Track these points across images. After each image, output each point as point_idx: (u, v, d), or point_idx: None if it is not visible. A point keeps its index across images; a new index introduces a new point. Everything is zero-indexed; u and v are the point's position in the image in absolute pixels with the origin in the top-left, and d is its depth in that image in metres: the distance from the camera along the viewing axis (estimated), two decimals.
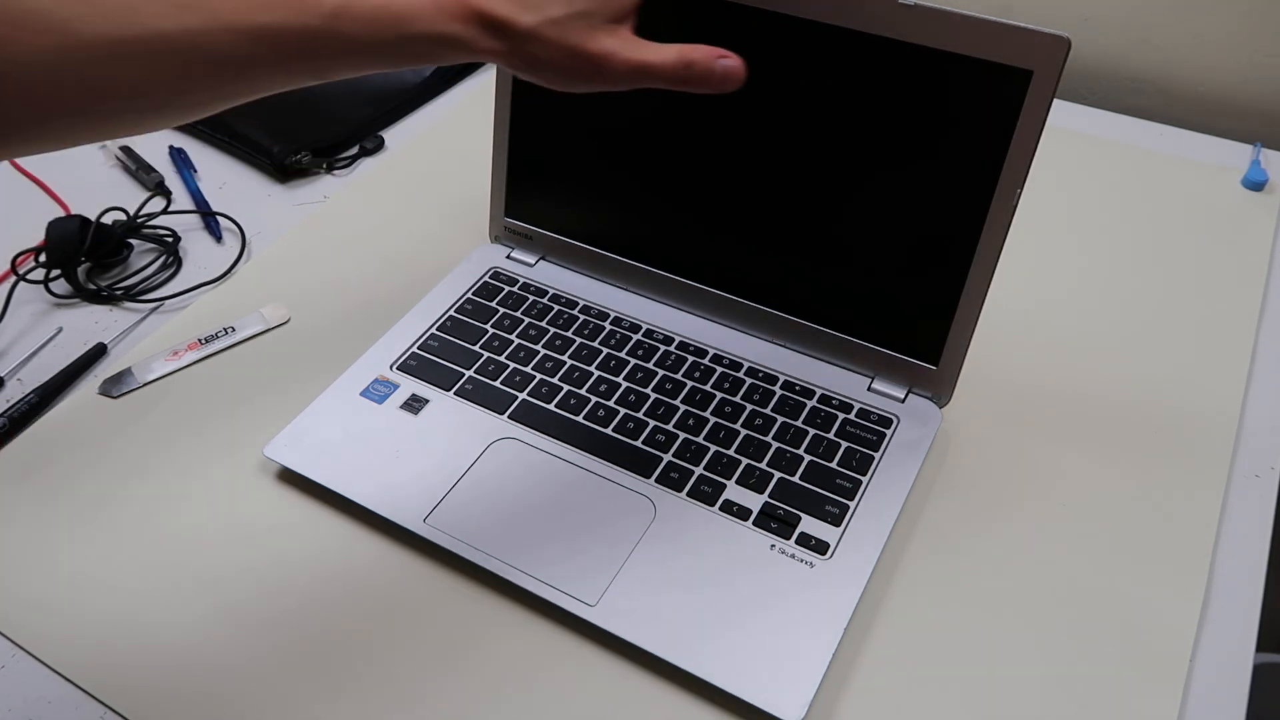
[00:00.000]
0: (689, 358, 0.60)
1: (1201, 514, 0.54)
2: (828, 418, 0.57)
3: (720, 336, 0.62)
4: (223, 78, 0.40)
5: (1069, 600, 0.50)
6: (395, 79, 0.87)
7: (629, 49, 0.46)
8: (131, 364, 0.63)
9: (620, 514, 0.52)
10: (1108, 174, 0.78)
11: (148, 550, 0.53)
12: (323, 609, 0.50)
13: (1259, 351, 0.64)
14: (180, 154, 0.81)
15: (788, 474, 0.54)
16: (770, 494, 0.53)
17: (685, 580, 0.49)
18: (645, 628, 0.48)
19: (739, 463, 0.54)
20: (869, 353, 0.58)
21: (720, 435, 0.56)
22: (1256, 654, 0.49)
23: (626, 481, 0.54)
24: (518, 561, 0.50)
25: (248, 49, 0.39)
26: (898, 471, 0.54)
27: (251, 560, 0.52)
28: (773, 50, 0.53)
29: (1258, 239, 0.71)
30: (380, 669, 0.48)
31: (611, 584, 0.49)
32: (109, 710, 0.47)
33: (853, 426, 0.56)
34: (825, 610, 0.48)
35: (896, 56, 0.50)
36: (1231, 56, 0.84)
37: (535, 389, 0.59)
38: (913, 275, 0.55)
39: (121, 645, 0.49)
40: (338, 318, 0.64)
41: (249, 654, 0.49)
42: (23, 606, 0.50)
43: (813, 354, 0.60)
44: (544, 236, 0.66)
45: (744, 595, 0.49)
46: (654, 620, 0.48)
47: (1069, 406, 0.60)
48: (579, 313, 0.63)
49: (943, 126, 0.51)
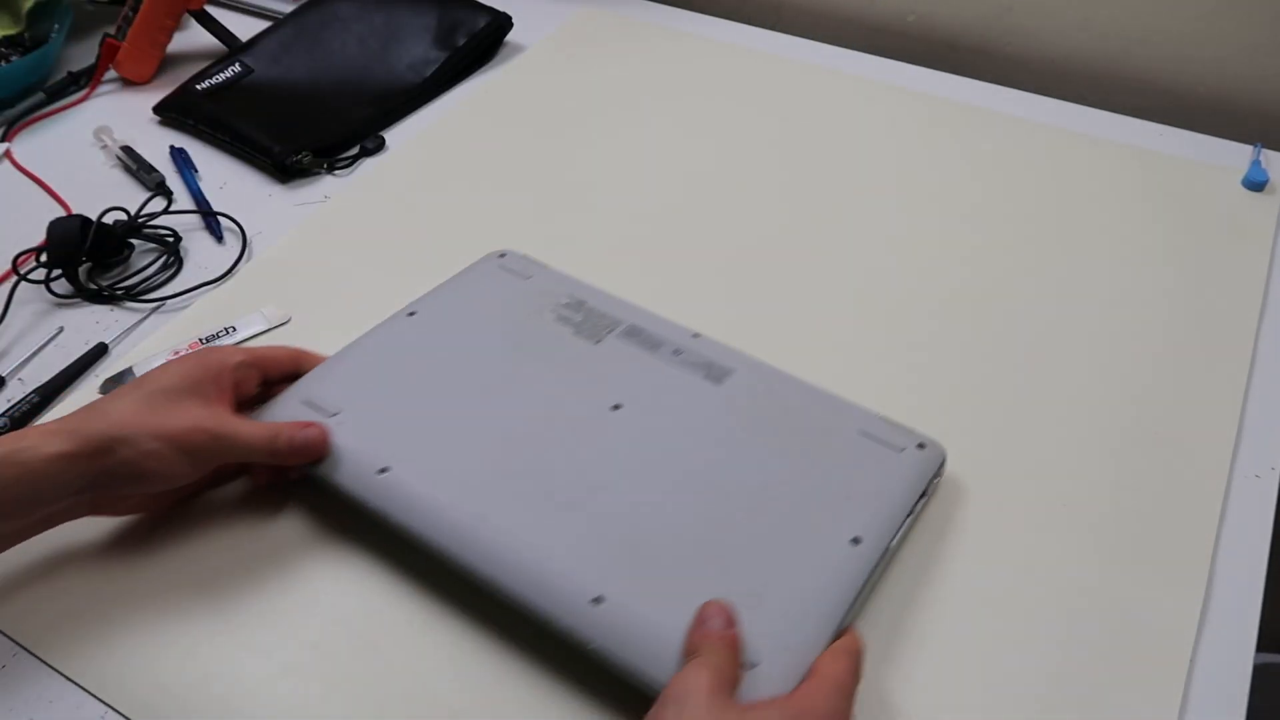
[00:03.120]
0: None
1: (1201, 514, 0.54)
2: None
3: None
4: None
5: (1069, 600, 0.50)
6: (395, 79, 0.88)
7: (224, 422, 0.50)
8: (132, 364, 0.63)
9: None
10: (1108, 174, 0.78)
11: (148, 549, 0.53)
12: (326, 609, 0.50)
13: (1259, 351, 0.64)
14: (181, 154, 0.81)
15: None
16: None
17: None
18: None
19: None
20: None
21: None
22: (1256, 654, 0.49)
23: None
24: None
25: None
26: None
27: (252, 559, 0.52)
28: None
29: (1258, 239, 0.71)
30: (387, 670, 0.48)
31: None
32: (110, 709, 0.47)
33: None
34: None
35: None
36: (1231, 56, 0.84)
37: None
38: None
39: (122, 644, 0.49)
40: (338, 318, 0.64)
41: (249, 653, 0.49)
42: (23, 606, 0.50)
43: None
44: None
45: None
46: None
47: (1068, 406, 0.60)
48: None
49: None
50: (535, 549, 0.48)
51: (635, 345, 0.59)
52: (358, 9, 0.92)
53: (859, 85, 0.88)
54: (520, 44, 0.94)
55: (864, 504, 0.50)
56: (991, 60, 0.94)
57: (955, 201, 0.75)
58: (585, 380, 0.56)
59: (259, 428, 0.51)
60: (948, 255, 0.71)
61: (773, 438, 0.54)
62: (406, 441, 0.53)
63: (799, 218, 0.74)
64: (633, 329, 0.60)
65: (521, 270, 0.65)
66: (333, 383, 0.57)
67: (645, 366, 0.57)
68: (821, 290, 0.68)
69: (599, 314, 0.61)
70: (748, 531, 0.49)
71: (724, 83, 0.88)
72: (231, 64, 0.87)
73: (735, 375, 0.57)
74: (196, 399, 0.50)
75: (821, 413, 0.55)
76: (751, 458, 0.53)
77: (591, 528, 0.49)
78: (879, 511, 0.50)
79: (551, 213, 0.73)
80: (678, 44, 0.93)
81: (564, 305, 0.61)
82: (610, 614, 0.45)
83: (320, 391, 0.56)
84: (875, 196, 0.76)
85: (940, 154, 0.80)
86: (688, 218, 0.74)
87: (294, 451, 0.52)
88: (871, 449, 0.53)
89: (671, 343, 0.59)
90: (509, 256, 0.66)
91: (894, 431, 0.54)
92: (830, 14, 0.98)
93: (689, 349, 0.58)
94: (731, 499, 0.50)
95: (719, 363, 0.57)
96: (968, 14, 0.92)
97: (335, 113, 0.84)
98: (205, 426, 0.49)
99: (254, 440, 0.51)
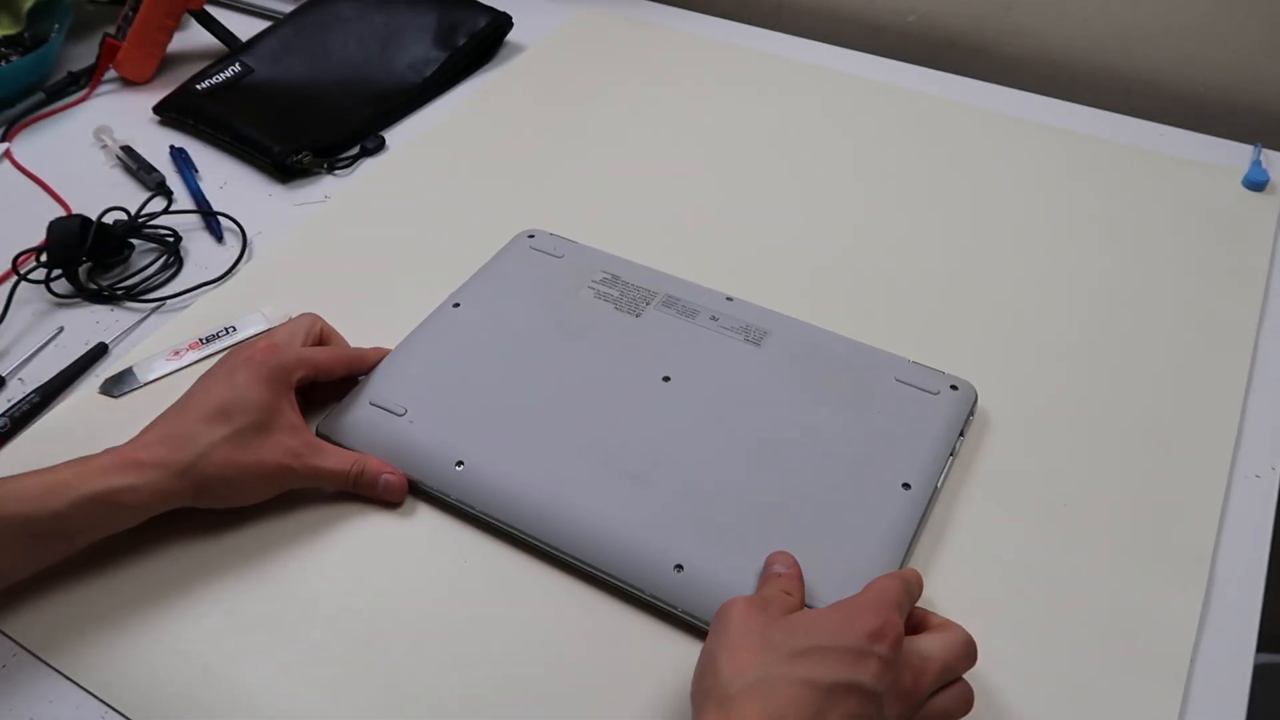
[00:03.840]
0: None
1: (1201, 514, 0.54)
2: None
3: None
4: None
5: (1069, 600, 0.50)
6: (395, 79, 0.87)
7: (307, 455, 0.52)
8: (133, 364, 0.63)
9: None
10: (1108, 174, 0.77)
11: (148, 549, 0.52)
12: (326, 602, 0.50)
13: (1259, 351, 0.64)
14: (181, 154, 0.81)
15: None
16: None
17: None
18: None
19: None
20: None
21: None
22: (1256, 654, 0.49)
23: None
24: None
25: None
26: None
27: (252, 558, 0.52)
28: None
29: (1258, 239, 0.71)
30: (387, 670, 0.48)
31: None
32: (110, 709, 0.47)
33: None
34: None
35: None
36: (1232, 57, 0.84)
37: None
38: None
39: (122, 644, 0.49)
40: (338, 317, 0.64)
41: (249, 653, 0.49)
42: (23, 606, 0.50)
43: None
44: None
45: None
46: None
47: (1068, 406, 0.60)
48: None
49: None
50: (615, 524, 0.51)
51: (674, 315, 0.62)
52: (358, 9, 0.92)
53: (859, 85, 0.88)
54: (520, 44, 0.94)
55: (910, 449, 0.54)
56: (991, 60, 0.94)
57: (955, 201, 0.75)
58: (633, 354, 0.60)
59: (342, 460, 0.53)
60: (947, 255, 0.71)
61: (817, 393, 0.57)
62: (475, 432, 0.55)
63: (799, 218, 0.74)
64: (669, 299, 0.63)
65: (552, 249, 0.67)
66: (395, 383, 0.58)
67: (687, 335, 0.61)
68: (820, 291, 0.68)
69: (635, 287, 0.64)
70: (805, 487, 0.53)
71: (724, 83, 0.88)
72: (231, 64, 0.87)
73: (772, 336, 0.60)
74: (282, 429, 0.52)
75: (858, 364, 0.59)
76: (799, 415, 0.56)
77: (662, 498, 0.52)
78: (924, 455, 0.54)
79: (552, 212, 0.73)
80: (678, 44, 0.93)
81: (599, 281, 0.64)
82: (691, 579, 0.49)
83: (385, 393, 0.58)
84: (874, 196, 0.76)
85: (940, 153, 0.80)
86: (688, 218, 0.74)
87: (376, 492, 0.54)
88: (909, 394, 0.57)
89: (708, 309, 0.62)
90: (538, 236, 0.69)
91: (928, 376, 0.58)
92: (830, 14, 0.98)
93: (725, 313, 0.62)
94: (786, 457, 0.54)
95: (756, 325, 0.61)
96: (968, 14, 0.92)
97: (335, 113, 0.84)
98: (292, 464, 0.52)
99: (338, 472, 0.53)
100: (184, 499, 0.49)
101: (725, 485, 0.53)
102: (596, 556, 0.51)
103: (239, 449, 0.50)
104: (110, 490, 0.47)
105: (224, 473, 0.49)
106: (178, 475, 0.48)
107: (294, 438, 0.52)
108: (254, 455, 0.50)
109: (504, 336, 0.61)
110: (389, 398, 0.57)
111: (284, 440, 0.51)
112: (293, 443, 0.52)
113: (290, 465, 0.51)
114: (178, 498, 0.49)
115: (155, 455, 0.48)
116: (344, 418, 0.57)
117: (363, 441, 0.56)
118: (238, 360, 0.53)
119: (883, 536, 0.50)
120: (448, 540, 0.53)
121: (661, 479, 0.53)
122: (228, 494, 0.51)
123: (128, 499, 0.47)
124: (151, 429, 0.51)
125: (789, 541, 0.49)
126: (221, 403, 0.51)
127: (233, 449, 0.50)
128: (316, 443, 0.54)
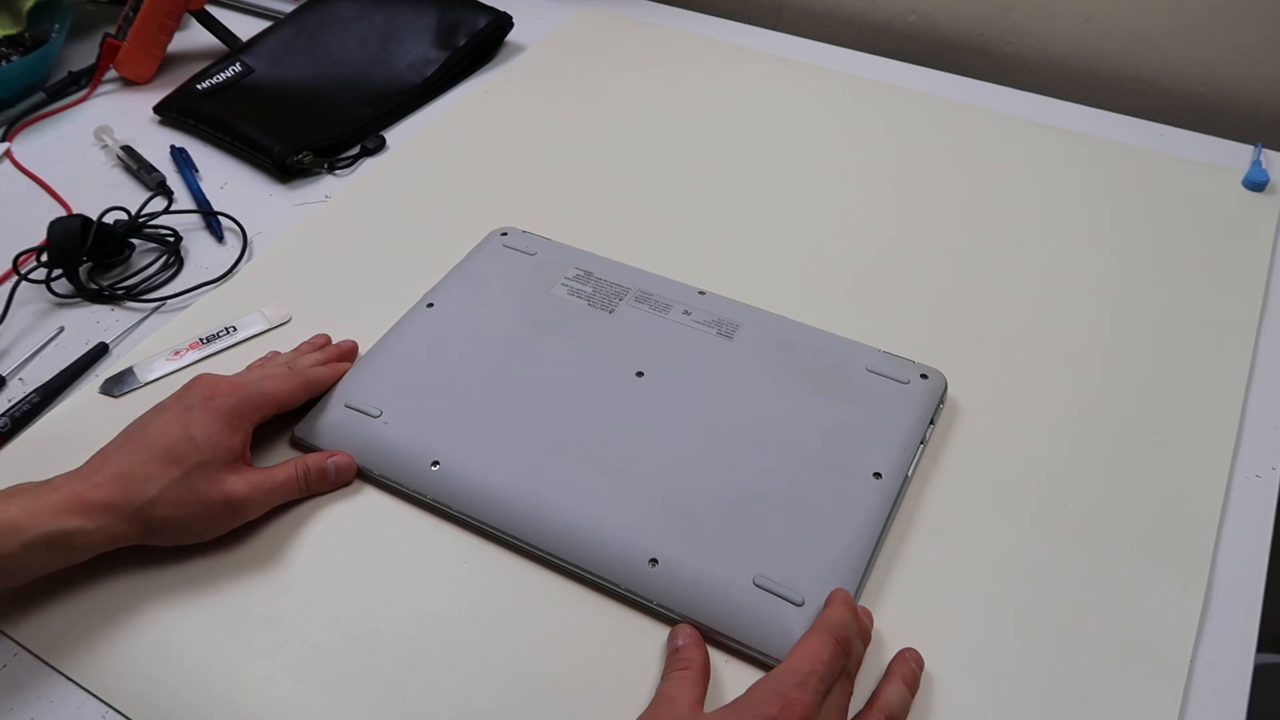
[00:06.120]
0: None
1: (1201, 514, 0.54)
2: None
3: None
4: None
5: (1069, 600, 0.50)
6: (395, 79, 0.87)
7: (255, 480, 0.52)
8: (133, 363, 0.63)
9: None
10: (1108, 174, 0.78)
11: (147, 549, 0.52)
12: (326, 609, 0.50)
13: (1259, 352, 0.64)
14: (182, 154, 0.81)
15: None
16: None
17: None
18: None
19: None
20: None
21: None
22: (1256, 654, 0.49)
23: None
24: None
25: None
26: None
27: (252, 559, 0.52)
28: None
29: (1258, 239, 0.71)
30: (387, 670, 0.48)
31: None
32: (110, 709, 0.47)
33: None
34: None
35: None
36: (1232, 57, 0.84)
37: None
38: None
39: (122, 644, 0.49)
40: (339, 317, 0.65)
41: (249, 653, 0.49)
42: (23, 606, 0.50)
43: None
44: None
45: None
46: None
47: (1069, 406, 0.60)
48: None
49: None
50: (590, 520, 0.52)
51: (647, 310, 0.62)
52: (358, 9, 0.92)
53: (859, 85, 0.88)
54: (520, 44, 0.94)
55: (880, 439, 0.55)
56: (991, 60, 0.94)
57: (954, 201, 0.75)
58: (607, 351, 0.60)
59: (285, 470, 0.54)
60: (947, 255, 0.71)
61: (788, 385, 0.57)
62: (451, 431, 0.56)
63: (798, 217, 0.74)
64: (642, 294, 0.63)
65: (524, 246, 0.67)
66: (369, 384, 0.58)
67: (660, 330, 0.61)
68: (817, 291, 0.68)
69: (608, 283, 0.64)
70: (777, 478, 0.53)
71: (724, 83, 0.88)
72: (232, 64, 0.87)
73: (744, 329, 0.61)
74: (231, 468, 0.52)
75: (829, 355, 0.59)
76: (771, 407, 0.56)
77: (637, 493, 0.52)
78: (894, 444, 0.54)
79: (552, 212, 0.73)
80: (678, 44, 0.93)
81: (572, 278, 0.64)
82: (666, 573, 0.49)
83: (359, 395, 0.58)
84: (874, 196, 0.76)
85: (940, 154, 0.80)
86: (688, 218, 0.74)
87: (330, 481, 0.55)
88: (880, 384, 0.57)
89: (680, 303, 0.62)
90: (511, 234, 0.69)
91: (898, 365, 0.59)
92: (830, 14, 0.98)
93: (697, 307, 0.62)
94: (759, 449, 0.54)
95: (728, 318, 0.61)
96: (968, 14, 0.92)
97: (335, 113, 0.84)
98: (240, 499, 0.52)
99: (288, 482, 0.54)
100: (134, 539, 0.50)
101: (699, 479, 0.53)
102: (573, 553, 0.51)
103: (187, 491, 0.50)
104: (61, 532, 0.47)
105: (173, 514, 0.50)
106: (127, 519, 0.49)
107: (242, 479, 0.52)
108: (200, 496, 0.50)
109: (477, 335, 0.61)
110: (364, 400, 0.57)
111: (232, 481, 0.51)
112: (239, 482, 0.52)
113: (239, 502, 0.51)
114: (127, 539, 0.49)
115: (106, 496, 0.48)
116: (319, 421, 0.57)
117: (339, 444, 0.56)
118: (197, 396, 0.53)
119: (854, 525, 0.51)
120: (448, 540, 0.53)
121: (636, 474, 0.53)
122: (175, 535, 0.51)
123: (78, 541, 0.48)
124: (106, 462, 0.50)
125: (761, 534, 0.50)
126: (174, 442, 0.50)
127: (181, 490, 0.50)
128: (257, 470, 0.53)
